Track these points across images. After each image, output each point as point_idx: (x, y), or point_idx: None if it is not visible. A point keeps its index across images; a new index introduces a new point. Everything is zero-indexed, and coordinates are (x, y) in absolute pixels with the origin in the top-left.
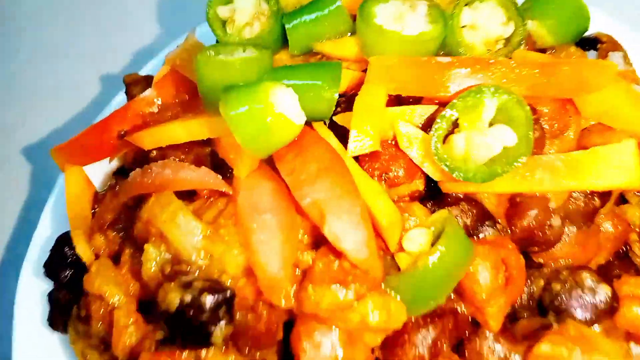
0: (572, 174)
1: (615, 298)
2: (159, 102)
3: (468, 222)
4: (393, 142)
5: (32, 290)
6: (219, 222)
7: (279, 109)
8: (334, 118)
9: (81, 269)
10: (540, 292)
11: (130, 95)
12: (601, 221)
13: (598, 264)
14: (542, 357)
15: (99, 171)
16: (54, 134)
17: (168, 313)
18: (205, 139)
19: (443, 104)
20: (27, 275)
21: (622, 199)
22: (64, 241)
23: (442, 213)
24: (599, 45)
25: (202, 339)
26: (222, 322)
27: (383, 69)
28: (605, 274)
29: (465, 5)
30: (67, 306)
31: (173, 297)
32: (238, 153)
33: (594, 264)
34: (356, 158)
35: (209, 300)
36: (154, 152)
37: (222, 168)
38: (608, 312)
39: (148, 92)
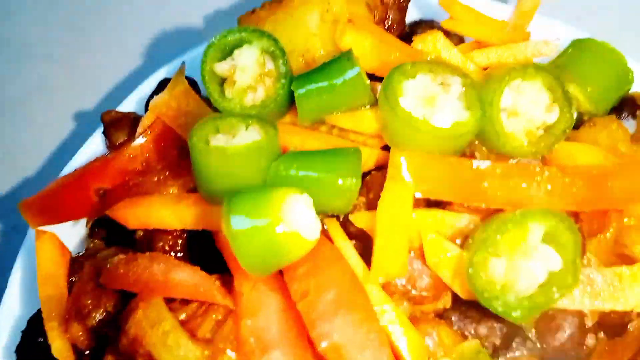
0: (613, 296)
1: None
2: (143, 158)
3: (497, 342)
4: (417, 253)
5: None
6: (217, 345)
7: (291, 226)
8: (352, 218)
9: None
10: None
11: (109, 139)
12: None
13: None
14: None
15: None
16: (23, 179)
17: None
18: None
19: (478, 212)
20: None
21: None
22: (36, 327)
23: (473, 346)
24: (638, 112)
25: None
26: None
27: (411, 167)
28: None
29: (507, 85)
30: None
31: None
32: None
33: None
34: None
35: None
36: (140, 232)
37: (218, 262)
38: None
39: (132, 147)
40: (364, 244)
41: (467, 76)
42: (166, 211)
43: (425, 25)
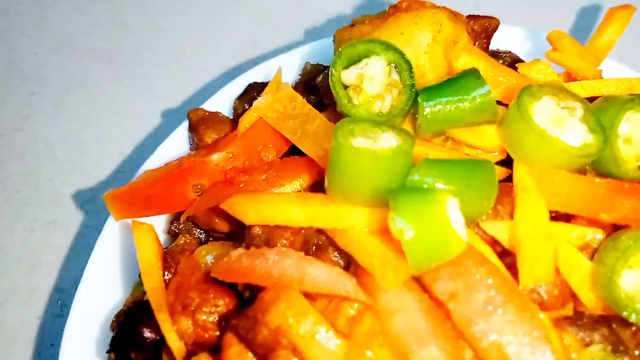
0: None
1: None
2: (245, 157)
3: (608, 349)
4: None
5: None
6: (361, 340)
7: (453, 224)
8: (482, 225)
9: (158, 356)
10: None
11: (199, 137)
12: None
13: None
14: None
15: None
16: (93, 154)
17: None
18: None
19: (601, 227)
20: (69, 344)
21: None
22: (137, 320)
23: (600, 352)
24: None
25: None
26: None
27: (542, 181)
28: None
29: (625, 113)
30: None
31: None
32: (386, 261)
33: None
34: None
35: None
36: (258, 229)
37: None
38: None
39: (234, 145)
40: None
41: (586, 102)
42: (294, 207)
43: (504, 55)
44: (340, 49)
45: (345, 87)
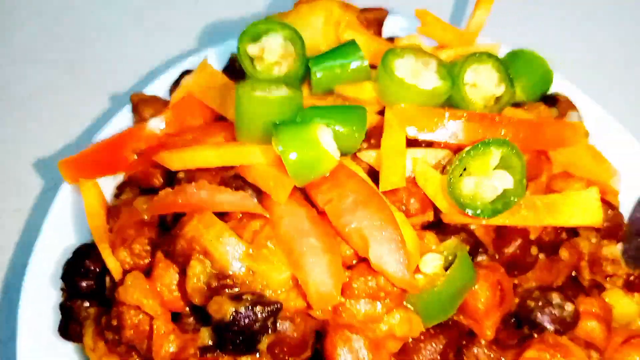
0: (550, 213)
1: (577, 313)
2: (177, 124)
3: (467, 249)
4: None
5: (36, 302)
6: (259, 242)
7: (324, 145)
8: (359, 154)
9: (102, 281)
10: (516, 309)
11: (139, 115)
12: (560, 251)
13: (556, 286)
14: None
15: None
16: (54, 147)
17: (222, 322)
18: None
19: (451, 149)
20: (30, 287)
21: (575, 233)
22: (83, 253)
23: (453, 242)
24: (557, 104)
25: (250, 346)
26: (269, 331)
27: (405, 116)
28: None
29: (469, 66)
30: (83, 316)
31: (227, 308)
32: (277, 180)
33: (554, 285)
34: None
35: (260, 311)
36: (182, 173)
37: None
38: (572, 325)
39: (166, 114)
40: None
41: (439, 59)
42: (210, 152)
43: (397, 39)
44: (245, 29)
45: (252, 59)
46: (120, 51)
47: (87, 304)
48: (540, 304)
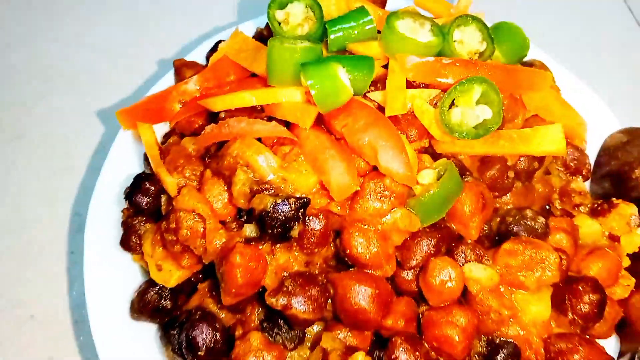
0: (523, 144)
1: (547, 226)
2: (214, 80)
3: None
4: (410, 112)
5: (101, 221)
6: (290, 158)
7: (343, 80)
8: (369, 95)
9: (158, 199)
10: (497, 226)
11: (180, 76)
12: (535, 183)
13: None
14: (505, 251)
15: None
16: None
17: (263, 211)
18: (261, 106)
19: (443, 89)
20: (95, 207)
21: (547, 172)
22: (142, 177)
23: (444, 160)
24: (533, 67)
25: (285, 232)
26: (300, 220)
27: (405, 63)
28: None
29: (457, 27)
30: (142, 231)
31: (267, 200)
32: (303, 111)
33: None
34: None
35: (293, 202)
36: (223, 114)
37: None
38: (543, 235)
39: (205, 73)
40: None
41: (433, 21)
42: (245, 94)
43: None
44: None
45: (279, 23)
46: (167, 29)
47: (145, 220)
48: (516, 218)
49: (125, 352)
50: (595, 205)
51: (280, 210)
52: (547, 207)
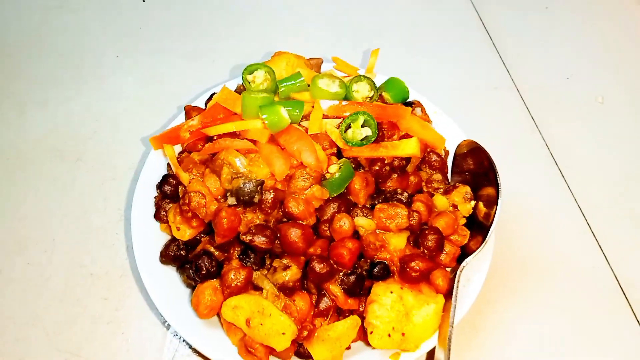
0: (394, 149)
1: (410, 197)
2: (211, 118)
3: (353, 166)
4: (324, 132)
5: (141, 204)
6: (253, 160)
7: (284, 115)
8: (301, 123)
9: (177, 188)
10: (379, 197)
11: (189, 115)
12: (410, 176)
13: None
14: (378, 209)
15: None
16: (137, 132)
17: (237, 188)
18: (238, 131)
19: (343, 118)
20: (139, 194)
21: (419, 169)
22: (168, 175)
23: (343, 159)
24: (413, 105)
25: (250, 200)
26: (259, 193)
27: (322, 104)
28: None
29: (355, 82)
30: (168, 208)
31: (239, 181)
32: (261, 133)
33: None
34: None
35: (254, 182)
36: (215, 137)
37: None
38: (406, 203)
39: (205, 113)
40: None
41: (341, 79)
42: (230, 124)
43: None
44: (245, 67)
45: (249, 82)
46: (180, 85)
47: (169, 202)
48: (391, 193)
49: (160, 283)
50: (446, 188)
51: (247, 188)
52: (419, 190)
